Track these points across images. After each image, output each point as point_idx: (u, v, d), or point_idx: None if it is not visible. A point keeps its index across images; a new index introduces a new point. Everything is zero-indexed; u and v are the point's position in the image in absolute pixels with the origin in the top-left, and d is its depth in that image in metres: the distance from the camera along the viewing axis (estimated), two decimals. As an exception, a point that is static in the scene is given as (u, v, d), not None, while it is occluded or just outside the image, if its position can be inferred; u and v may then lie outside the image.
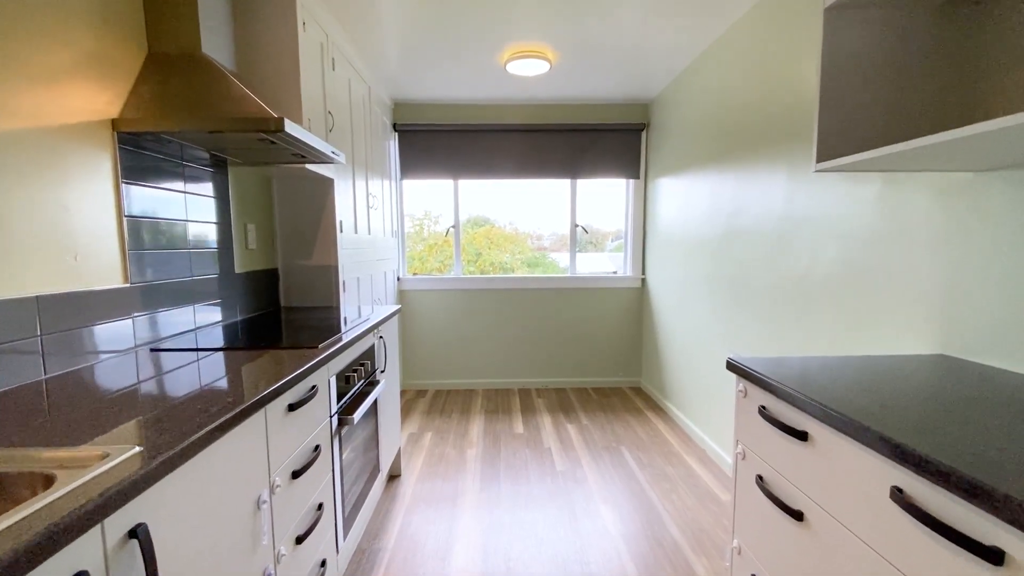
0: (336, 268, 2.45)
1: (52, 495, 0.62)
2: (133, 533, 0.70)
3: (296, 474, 1.24)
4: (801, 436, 1.00)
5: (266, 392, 1.04)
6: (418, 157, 3.82)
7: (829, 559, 0.94)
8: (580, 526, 2.07)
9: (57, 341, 1.22)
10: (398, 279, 3.90)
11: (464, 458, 2.74)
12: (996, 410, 0.88)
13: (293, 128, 1.48)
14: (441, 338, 4.01)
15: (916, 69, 1.22)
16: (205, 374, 1.20)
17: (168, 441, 0.79)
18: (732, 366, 1.27)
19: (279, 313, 2.20)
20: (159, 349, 1.47)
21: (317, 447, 1.38)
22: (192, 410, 0.94)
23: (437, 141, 3.80)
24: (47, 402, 1.00)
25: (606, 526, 2.07)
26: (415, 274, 4.08)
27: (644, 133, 3.84)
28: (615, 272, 4.12)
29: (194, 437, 0.81)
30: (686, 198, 3.11)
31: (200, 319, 1.82)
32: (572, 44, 2.71)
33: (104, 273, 1.38)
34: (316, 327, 1.81)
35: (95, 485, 0.65)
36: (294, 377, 1.19)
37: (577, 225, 4.05)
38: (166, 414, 0.92)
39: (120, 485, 0.66)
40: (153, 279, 1.57)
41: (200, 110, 1.43)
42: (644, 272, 3.97)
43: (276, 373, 1.19)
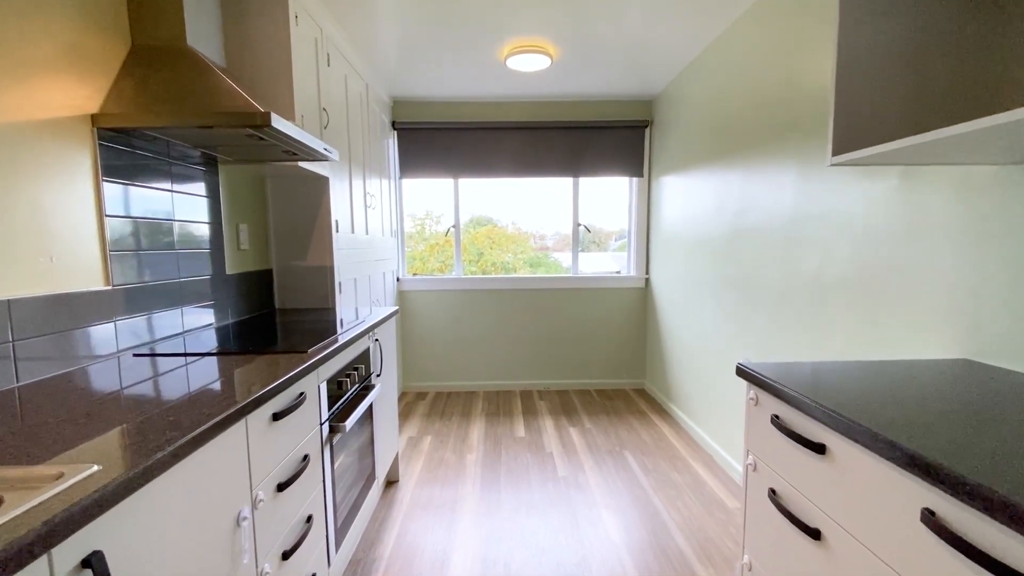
0: (332, 269, 2.39)
1: (-9, 523, 0.56)
2: (87, 562, 0.63)
3: (282, 486, 1.17)
4: (818, 449, 0.93)
5: (245, 403, 0.98)
6: (417, 156, 3.75)
7: (850, 583, 0.87)
8: (582, 534, 2.01)
9: (31, 347, 1.16)
10: (398, 280, 3.84)
11: (464, 463, 2.67)
12: (1034, 422, 0.81)
13: (280, 123, 1.41)
14: (442, 339, 3.95)
15: (936, 58, 1.14)
16: (186, 382, 1.14)
17: (131, 459, 0.73)
18: (743, 372, 1.20)
19: (273, 315, 2.14)
20: (142, 354, 1.42)
21: (306, 457, 1.32)
22: (164, 423, 0.87)
23: (436, 139, 3.74)
24: (15, 413, 0.94)
25: (609, 534, 2.00)
26: (415, 274, 4.02)
27: (648, 130, 3.76)
28: (618, 272, 4.04)
29: (160, 455, 0.75)
30: (691, 196, 3.03)
31: (189, 322, 1.76)
32: (573, 38, 2.64)
33: (84, 275, 1.32)
34: (308, 330, 1.75)
35: (43, 510, 0.59)
36: (278, 385, 1.13)
37: (580, 224, 3.98)
38: (136, 427, 0.85)
39: (72, 509, 0.60)
40: (138, 281, 1.51)
41: (183, 105, 1.37)
42: (648, 272, 3.89)
43: (260, 380, 1.13)
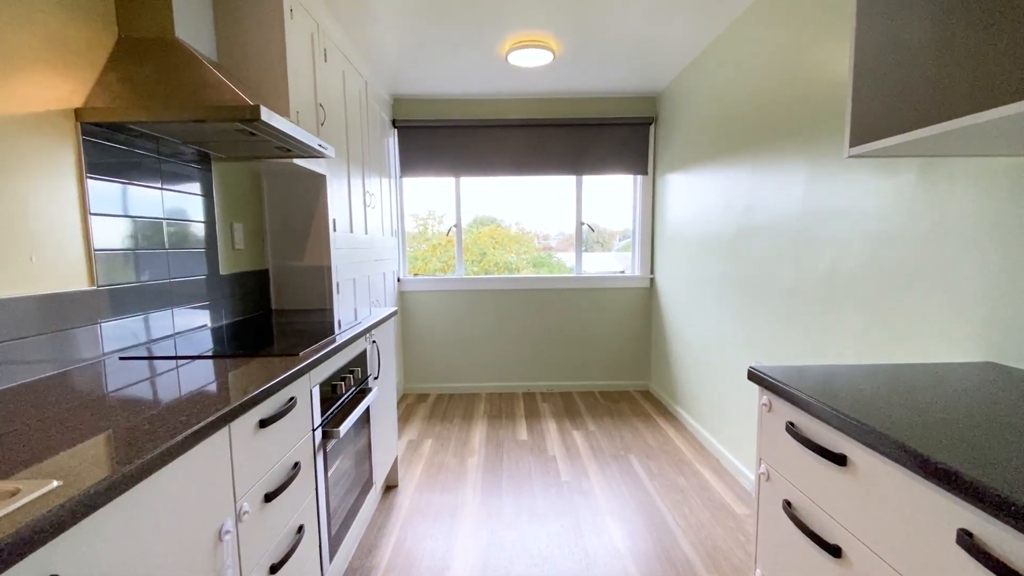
0: (329, 269, 2.33)
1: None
2: (42, 588, 0.58)
3: (270, 496, 1.12)
4: (839, 460, 0.87)
5: (227, 410, 0.93)
6: (418, 154, 3.70)
7: (874, 605, 0.80)
8: (586, 542, 1.94)
9: (8, 350, 1.11)
10: (398, 280, 3.78)
11: (465, 467, 2.62)
12: (1076, 433, 0.75)
13: (271, 117, 1.36)
14: (443, 340, 3.89)
15: (960, 44, 1.08)
16: (170, 386, 1.09)
17: (96, 473, 0.67)
18: (755, 376, 1.13)
19: (268, 316, 2.09)
20: (128, 357, 1.36)
21: (296, 464, 1.27)
22: (140, 432, 0.82)
23: (437, 137, 3.68)
24: (-17, 421, 0.89)
25: (614, 542, 1.94)
26: (416, 275, 3.96)
27: (652, 127, 3.69)
28: (623, 272, 3.97)
29: (128, 468, 0.69)
30: (697, 194, 2.96)
31: (181, 324, 1.71)
32: (575, 32, 2.58)
33: (66, 275, 1.27)
34: (303, 332, 1.70)
35: (-10, 533, 0.54)
36: (264, 391, 1.07)
37: (583, 223, 3.91)
38: (109, 437, 0.80)
39: (23, 532, 0.55)
40: (125, 281, 1.46)
41: (170, 99, 1.32)
42: (653, 271, 3.83)
43: (248, 385, 1.08)
